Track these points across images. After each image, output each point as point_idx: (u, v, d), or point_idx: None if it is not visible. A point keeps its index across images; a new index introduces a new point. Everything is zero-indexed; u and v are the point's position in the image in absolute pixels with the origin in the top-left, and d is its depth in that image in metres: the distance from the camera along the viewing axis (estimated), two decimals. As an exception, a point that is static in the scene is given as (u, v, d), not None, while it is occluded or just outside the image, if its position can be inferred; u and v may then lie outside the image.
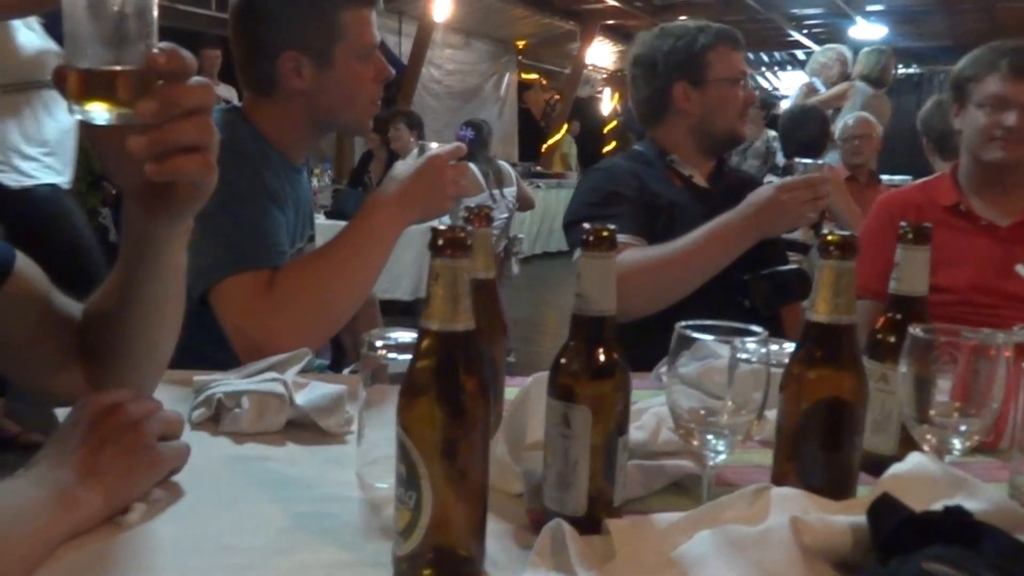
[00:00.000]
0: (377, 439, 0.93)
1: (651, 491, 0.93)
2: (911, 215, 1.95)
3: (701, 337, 0.79)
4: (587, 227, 0.77)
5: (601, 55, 12.71)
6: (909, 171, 4.87)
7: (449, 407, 0.70)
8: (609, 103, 14.13)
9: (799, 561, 0.69)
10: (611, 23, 11.49)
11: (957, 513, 0.68)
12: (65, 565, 0.74)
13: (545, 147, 12.31)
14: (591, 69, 12.97)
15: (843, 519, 0.72)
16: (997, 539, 0.65)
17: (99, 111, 0.74)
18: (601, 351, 0.78)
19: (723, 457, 0.82)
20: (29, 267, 1.00)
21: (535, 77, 13.19)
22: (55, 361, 1.01)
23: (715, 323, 0.81)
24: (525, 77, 12.90)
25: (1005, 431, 1.03)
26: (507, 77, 12.15)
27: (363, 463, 0.96)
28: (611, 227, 0.78)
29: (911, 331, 0.86)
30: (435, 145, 1.47)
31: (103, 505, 0.80)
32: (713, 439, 0.81)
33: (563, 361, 0.79)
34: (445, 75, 10.69)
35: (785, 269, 1.81)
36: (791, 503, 0.77)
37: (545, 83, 13.37)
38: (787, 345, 1.03)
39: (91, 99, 0.74)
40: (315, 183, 4.75)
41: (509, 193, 5.15)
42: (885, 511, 0.70)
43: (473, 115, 7.97)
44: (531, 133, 12.74)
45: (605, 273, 0.78)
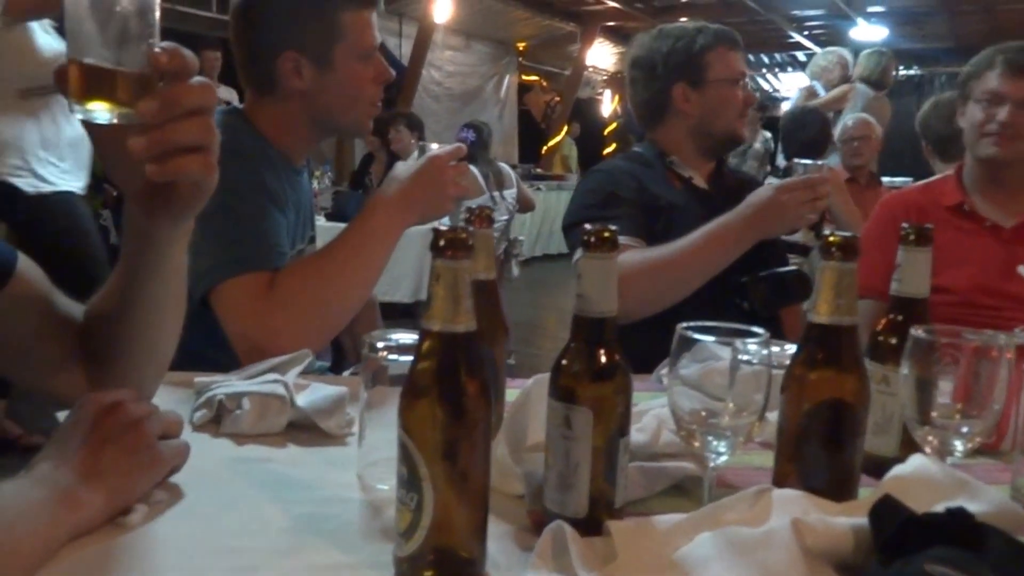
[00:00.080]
0: (378, 440, 0.93)
1: (652, 493, 0.93)
2: (913, 216, 1.95)
3: (702, 338, 0.79)
4: (588, 228, 0.77)
5: (601, 57, 12.70)
6: (910, 173, 4.88)
7: (450, 408, 0.70)
8: (609, 105, 14.10)
9: (800, 563, 0.69)
10: (611, 25, 11.49)
11: (959, 515, 0.68)
12: (67, 566, 0.74)
13: (545, 149, 12.31)
14: (591, 71, 12.96)
15: (845, 521, 0.72)
16: (999, 541, 0.65)
17: (100, 110, 0.74)
18: (602, 352, 0.78)
19: (724, 459, 0.82)
20: (30, 268, 1.00)
21: (535, 79, 13.18)
22: (56, 362, 1.01)
23: (716, 324, 0.80)
24: (525, 79, 12.89)
25: (1007, 433, 1.03)
26: (507, 79, 12.14)
27: (364, 464, 0.96)
28: (612, 228, 0.78)
29: (913, 333, 0.86)
30: (435, 146, 1.46)
31: (105, 505, 0.79)
32: (714, 441, 0.81)
33: (564, 362, 0.79)
34: (445, 77, 10.69)
35: (783, 271, 1.80)
36: (792, 505, 0.76)
37: (545, 85, 13.36)
38: (788, 347, 1.03)
39: (92, 98, 0.74)
40: (316, 185, 4.74)
41: (509, 195, 5.16)
42: (887, 513, 0.70)
43: (473, 117, 7.97)
44: (531, 135, 12.73)
45: (606, 274, 0.78)
